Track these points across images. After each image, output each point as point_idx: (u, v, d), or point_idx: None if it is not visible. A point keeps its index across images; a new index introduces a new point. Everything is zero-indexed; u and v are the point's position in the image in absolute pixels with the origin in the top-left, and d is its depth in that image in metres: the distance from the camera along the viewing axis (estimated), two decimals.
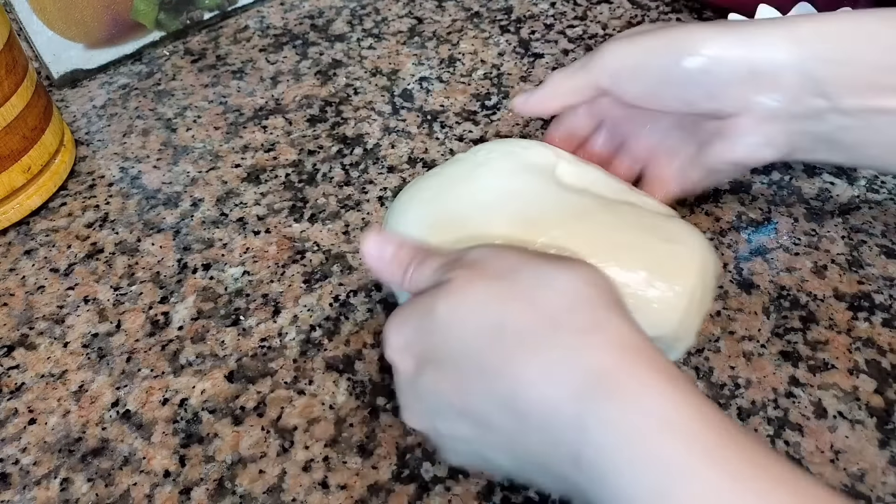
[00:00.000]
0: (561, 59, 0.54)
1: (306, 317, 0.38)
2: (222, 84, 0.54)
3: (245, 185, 0.46)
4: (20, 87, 0.42)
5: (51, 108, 0.46)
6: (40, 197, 0.44)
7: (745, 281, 0.38)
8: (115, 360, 0.37)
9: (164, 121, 0.51)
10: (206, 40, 0.58)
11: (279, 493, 0.31)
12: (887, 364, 0.35)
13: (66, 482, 0.32)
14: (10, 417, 0.35)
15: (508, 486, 0.31)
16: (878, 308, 0.37)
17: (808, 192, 0.43)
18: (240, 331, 0.38)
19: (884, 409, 0.33)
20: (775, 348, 0.36)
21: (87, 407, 0.35)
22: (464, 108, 0.50)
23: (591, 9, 0.59)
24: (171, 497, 0.31)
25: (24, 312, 0.39)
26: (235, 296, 0.39)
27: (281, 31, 0.59)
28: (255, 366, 0.36)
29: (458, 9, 0.60)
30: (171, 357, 0.37)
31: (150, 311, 0.39)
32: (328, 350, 0.36)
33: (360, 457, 0.32)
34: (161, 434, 0.34)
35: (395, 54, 0.56)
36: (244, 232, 0.43)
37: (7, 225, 0.43)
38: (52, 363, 0.37)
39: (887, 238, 0.40)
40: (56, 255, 0.42)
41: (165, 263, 0.41)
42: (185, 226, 0.43)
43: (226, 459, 0.32)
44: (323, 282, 0.40)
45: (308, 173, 0.46)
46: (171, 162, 0.48)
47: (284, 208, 0.44)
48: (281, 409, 0.34)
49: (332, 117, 0.50)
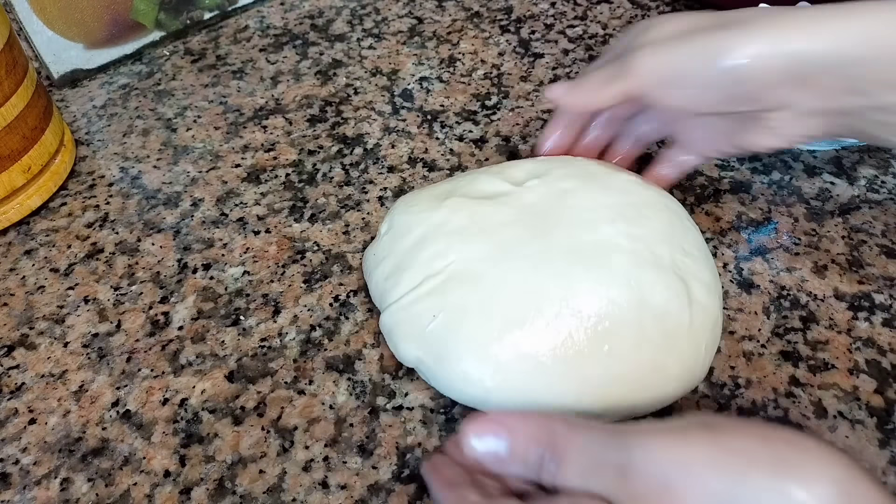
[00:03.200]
0: (561, 58, 0.54)
1: (306, 317, 0.38)
2: (222, 84, 0.54)
3: (245, 185, 0.46)
4: (20, 87, 0.42)
5: (51, 108, 0.46)
6: (40, 197, 0.44)
7: (745, 281, 0.38)
8: (116, 360, 0.37)
9: (164, 121, 0.51)
10: (206, 40, 0.58)
11: (279, 493, 0.31)
12: (887, 364, 0.35)
13: (66, 482, 0.32)
14: (10, 417, 0.35)
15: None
16: (878, 308, 0.37)
17: (808, 192, 0.43)
18: (240, 331, 0.38)
19: (884, 409, 0.33)
20: (775, 348, 0.36)
21: (87, 407, 0.35)
22: (464, 108, 0.50)
23: (591, 9, 0.59)
24: (171, 497, 0.31)
25: (25, 312, 0.39)
26: (235, 296, 0.39)
27: (281, 31, 0.59)
28: (255, 366, 0.36)
29: (458, 9, 0.60)
30: (172, 357, 0.37)
31: (150, 311, 0.39)
32: (328, 350, 0.36)
33: (360, 457, 0.32)
34: (161, 434, 0.34)
35: (395, 54, 0.56)
36: (244, 232, 0.43)
37: (7, 225, 0.43)
38: (52, 363, 0.37)
39: (887, 238, 0.40)
40: (56, 255, 0.42)
41: (165, 263, 0.41)
42: (185, 226, 0.43)
43: (226, 459, 0.32)
44: (323, 282, 0.40)
45: (308, 173, 0.46)
46: (172, 162, 0.48)
47: (284, 208, 0.44)
48: (281, 409, 0.34)
49: (332, 117, 0.50)
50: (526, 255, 0.33)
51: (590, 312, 0.31)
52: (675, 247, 0.34)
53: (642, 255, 0.33)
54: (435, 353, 0.33)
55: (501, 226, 0.35)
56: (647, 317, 0.32)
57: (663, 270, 0.33)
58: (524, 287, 0.32)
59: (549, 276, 0.33)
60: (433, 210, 0.37)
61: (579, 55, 0.54)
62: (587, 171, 0.38)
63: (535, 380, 0.31)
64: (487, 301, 0.32)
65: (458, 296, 0.33)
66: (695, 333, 0.32)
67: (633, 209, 0.35)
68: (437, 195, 0.38)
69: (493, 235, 0.34)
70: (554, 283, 0.32)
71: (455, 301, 0.33)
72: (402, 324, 0.34)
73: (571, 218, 0.35)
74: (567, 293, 0.32)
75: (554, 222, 0.35)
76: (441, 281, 0.34)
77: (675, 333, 0.32)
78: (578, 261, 0.33)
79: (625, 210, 0.35)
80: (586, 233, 0.34)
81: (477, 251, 0.34)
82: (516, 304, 0.32)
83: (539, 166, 0.39)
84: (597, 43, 0.55)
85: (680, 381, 0.32)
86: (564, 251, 0.33)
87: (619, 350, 0.31)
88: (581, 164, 0.39)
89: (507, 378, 0.31)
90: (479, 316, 0.32)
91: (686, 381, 0.32)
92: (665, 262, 0.33)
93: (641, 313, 0.32)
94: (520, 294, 0.32)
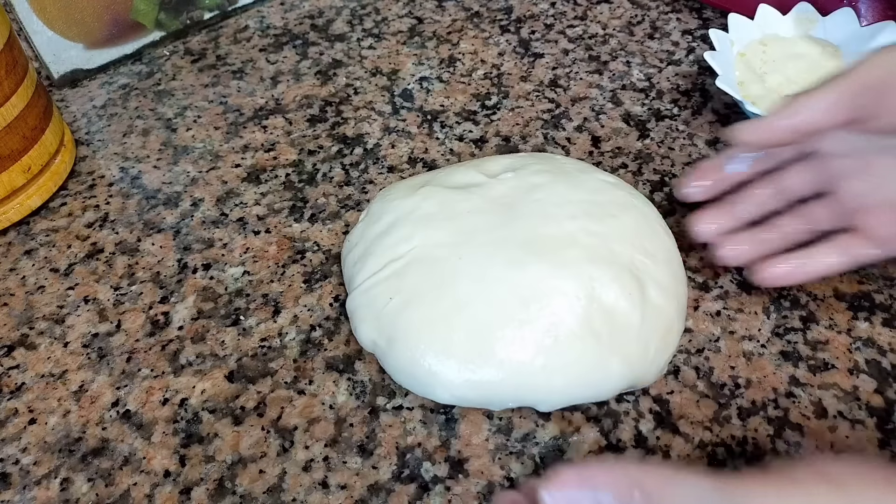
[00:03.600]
0: (561, 58, 0.54)
1: (306, 317, 0.38)
2: (222, 84, 0.54)
3: (245, 185, 0.46)
4: (20, 87, 0.42)
5: (51, 108, 0.46)
6: (40, 197, 0.44)
7: (745, 281, 0.38)
8: (116, 360, 0.37)
9: (164, 121, 0.51)
10: (206, 40, 0.58)
11: (279, 493, 0.31)
12: (887, 364, 0.35)
13: (66, 482, 0.32)
14: (10, 417, 0.35)
15: (508, 486, 0.31)
16: (878, 308, 0.37)
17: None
18: (240, 331, 0.38)
19: (884, 409, 0.33)
20: (775, 348, 0.36)
21: (87, 407, 0.35)
22: (464, 107, 0.50)
23: (591, 9, 0.59)
24: (171, 497, 0.31)
25: (25, 312, 0.39)
26: (235, 296, 0.39)
27: (281, 31, 0.59)
28: (255, 366, 0.36)
29: (458, 9, 0.60)
30: (172, 357, 0.37)
31: (150, 311, 0.39)
32: (328, 350, 0.36)
33: (360, 457, 0.32)
34: (161, 434, 0.34)
35: (395, 54, 0.56)
36: (244, 232, 0.43)
37: (7, 225, 0.43)
38: (52, 363, 0.37)
39: None
40: (56, 255, 0.42)
41: (165, 263, 0.41)
42: (185, 226, 0.43)
43: (226, 459, 0.32)
44: (323, 282, 0.40)
45: (308, 173, 0.46)
46: (171, 162, 0.48)
47: (284, 208, 0.44)
48: (281, 409, 0.34)
49: (332, 117, 0.50)
50: (485, 243, 0.34)
51: (538, 302, 0.32)
52: (637, 247, 0.35)
53: (598, 251, 0.34)
54: (388, 336, 0.33)
55: (468, 213, 0.36)
56: (595, 311, 0.32)
57: (619, 268, 0.33)
58: (477, 274, 0.33)
59: (504, 264, 0.33)
60: (406, 198, 0.38)
61: (579, 55, 0.54)
62: (561, 168, 0.39)
63: (478, 365, 0.32)
64: (440, 285, 0.33)
65: (413, 279, 0.34)
66: (644, 333, 0.33)
67: (598, 207, 0.36)
68: (413, 185, 0.39)
69: (458, 222, 0.35)
70: (507, 272, 0.33)
71: (410, 284, 0.34)
72: (361, 307, 0.35)
73: (536, 211, 0.36)
74: (518, 282, 0.33)
75: (518, 213, 0.35)
76: (402, 265, 0.35)
77: (622, 331, 0.32)
78: (534, 252, 0.34)
79: (590, 207, 0.36)
80: (547, 226, 0.35)
81: (440, 237, 0.35)
82: (467, 290, 0.33)
83: (516, 161, 0.40)
84: (597, 43, 0.55)
85: (622, 378, 0.32)
86: (522, 241, 0.34)
87: (564, 341, 0.32)
88: (558, 161, 0.40)
89: (451, 362, 0.32)
90: (431, 298, 0.33)
91: (628, 380, 0.33)
92: (622, 261, 0.34)
93: (590, 307, 0.32)
94: (472, 281, 0.33)
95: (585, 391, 0.32)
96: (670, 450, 0.32)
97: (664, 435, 0.33)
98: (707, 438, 0.32)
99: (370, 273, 0.35)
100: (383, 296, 0.34)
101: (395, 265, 0.35)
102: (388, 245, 0.36)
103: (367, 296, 0.35)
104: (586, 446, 0.32)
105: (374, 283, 0.35)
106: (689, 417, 0.33)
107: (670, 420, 0.33)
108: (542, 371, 0.32)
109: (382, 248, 0.36)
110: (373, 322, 0.34)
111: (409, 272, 0.34)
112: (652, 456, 0.32)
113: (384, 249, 0.36)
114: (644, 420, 0.33)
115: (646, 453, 0.32)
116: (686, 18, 0.57)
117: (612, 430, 0.33)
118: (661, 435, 0.33)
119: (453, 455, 0.32)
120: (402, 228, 0.36)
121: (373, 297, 0.34)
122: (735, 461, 0.32)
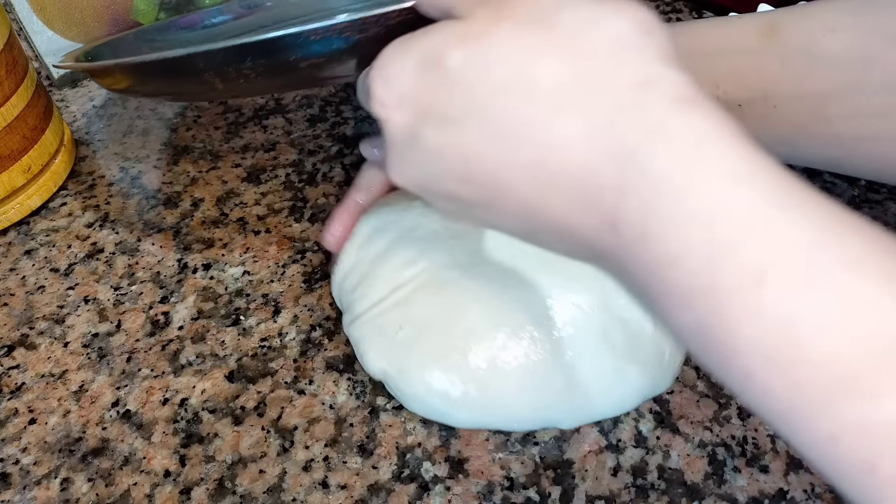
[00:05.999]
0: None
1: (306, 317, 0.38)
2: None
3: (245, 185, 0.46)
4: (20, 87, 0.42)
5: (51, 108, 0.46)
6: (40, 197, 0.44)
7: None
8: (116, 360, 0.37)
9: (164, 121, 0.51)
10: None
11: (279, 493, 0.31)
12: None
13: (66, 482, 0.32)
14: (10, 417, 0.35)
15: (508, 486, 0.31)
16: None
17: None
18: (240, 331, 0.38)
19: None
20: None
21: (87, 407, 0.35)
22: None
23: None
24: (172, 497, 0.31)
25: (25, 312, 0.39)
26: (235, 296, 0.39)
27: None
28: (255, 366, 0.36)
29: None
30: (172, 357, 0.37)
31: (150, 311, 0.39)
32: (328, 350, 0.36)
33: (360, 457, 0.32)
34: (161, 434, 0.34)
35: None
36: (244, 232, 0.43)
37: (7, 225, 0.43)
38: (52, 363, 0.37)
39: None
40: (56, 255, 0.42)
41: (165, 263, 0.41)
42: (185, 226, 0.43)
43: (226, 459, 0.32)
44: (323, 282, 0.40)
45: (308, 173, 0.46)
46: (171, 162, 0.48)
47: (284, 208, 0.44)
48: (281, 409, 0.34)
49: (332, 117, 0.50)
50: (495, 262, 0.33)
51: (554, 319, 0.31)
52: None
53: None
54: (398, 366, 0.32)
55: (474, 229, 0.34)
56: (610, 322, 0.32)
57: None
58: (489, 296, 0.32)
59: (516, 284, 0.32)
60: (403, 212, 0.36)
61: None
62: None
63: (498, 390, 0.31)
64: (452, 314, 0.32)
65: (423, 307, 0.33)
66: (657, 338, 0.32)
67: None
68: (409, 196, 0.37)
69: (464, 240, 0.34)
70: (520, 292, 0.32)
71: (420, 314, 0.33)
72: (368, 336, 0.34)
73: None
74: (533, 300, 0.32)
75: None
76: (409, 291, 0.33)
77: (637, 338, 0.32)
78: (545, 267, 0.33)
79: None
80: None
81: (446, 260, 0.34)
82: (481, 314, 0.32)
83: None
84: None
85: (642, 386, 0.32)
86: (533, 257, 0.33)
87: (582, 356, 0.31)
88: None
89: (470, 389, 0.31)
90: (443, 327, 0.32)
91: (648, 388, 0.32)
92: None
93: (605, 318, 0.32)
94: (484, 305, 0.32)
95: (607, 405, 0.32)
96: (670, 450, 0.32)
97: (664, 435, 0.33)
98: (707, 438, 0.32)
99: (373, 302, 0.34)
100: (391, 324, 0.33)
101: (401, 293, 0.33)
102: (390, 269, 0.34)
103: (372, 325, 0.33)
104: (586, 446, 0.32)
105: (379, 311, 0.33)
106: (689, 417, 0.33)
107: (670, 420, 0.33)
108: (563, 390, 0.31)
109: (384, 273, 0.34)
110: (381, 351, 0.33)
111: (418, 299, 0.33)
112: (652, 456, 0.32)
113: (386, 274, 0.34)
114: (644, 420, 0.33)
115: (646, 453, 0.32)
116: (686, 18, 0.57)
117: (612, 430, 0.33)
118: (661, 435, 0.33)
119: (453, 455, 0.32)
120: (404, 250, 0.34)
121: (379, 326, 0.33)
122: (735, 461, 0.32)
